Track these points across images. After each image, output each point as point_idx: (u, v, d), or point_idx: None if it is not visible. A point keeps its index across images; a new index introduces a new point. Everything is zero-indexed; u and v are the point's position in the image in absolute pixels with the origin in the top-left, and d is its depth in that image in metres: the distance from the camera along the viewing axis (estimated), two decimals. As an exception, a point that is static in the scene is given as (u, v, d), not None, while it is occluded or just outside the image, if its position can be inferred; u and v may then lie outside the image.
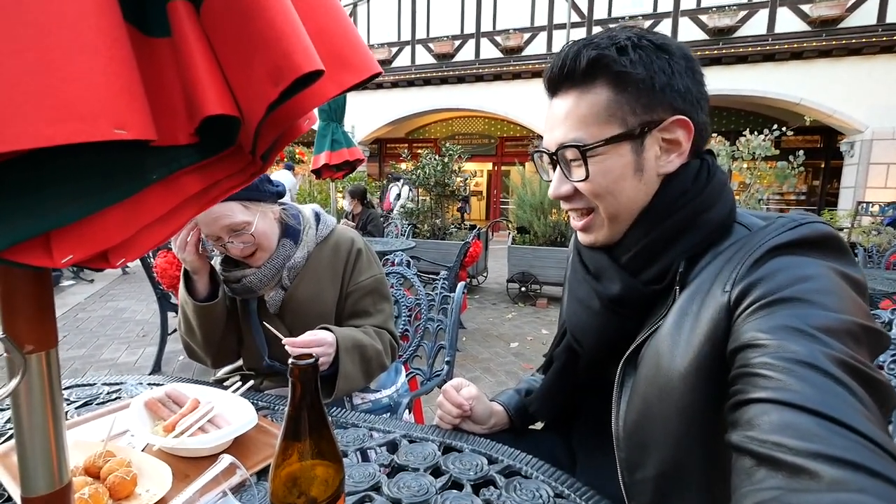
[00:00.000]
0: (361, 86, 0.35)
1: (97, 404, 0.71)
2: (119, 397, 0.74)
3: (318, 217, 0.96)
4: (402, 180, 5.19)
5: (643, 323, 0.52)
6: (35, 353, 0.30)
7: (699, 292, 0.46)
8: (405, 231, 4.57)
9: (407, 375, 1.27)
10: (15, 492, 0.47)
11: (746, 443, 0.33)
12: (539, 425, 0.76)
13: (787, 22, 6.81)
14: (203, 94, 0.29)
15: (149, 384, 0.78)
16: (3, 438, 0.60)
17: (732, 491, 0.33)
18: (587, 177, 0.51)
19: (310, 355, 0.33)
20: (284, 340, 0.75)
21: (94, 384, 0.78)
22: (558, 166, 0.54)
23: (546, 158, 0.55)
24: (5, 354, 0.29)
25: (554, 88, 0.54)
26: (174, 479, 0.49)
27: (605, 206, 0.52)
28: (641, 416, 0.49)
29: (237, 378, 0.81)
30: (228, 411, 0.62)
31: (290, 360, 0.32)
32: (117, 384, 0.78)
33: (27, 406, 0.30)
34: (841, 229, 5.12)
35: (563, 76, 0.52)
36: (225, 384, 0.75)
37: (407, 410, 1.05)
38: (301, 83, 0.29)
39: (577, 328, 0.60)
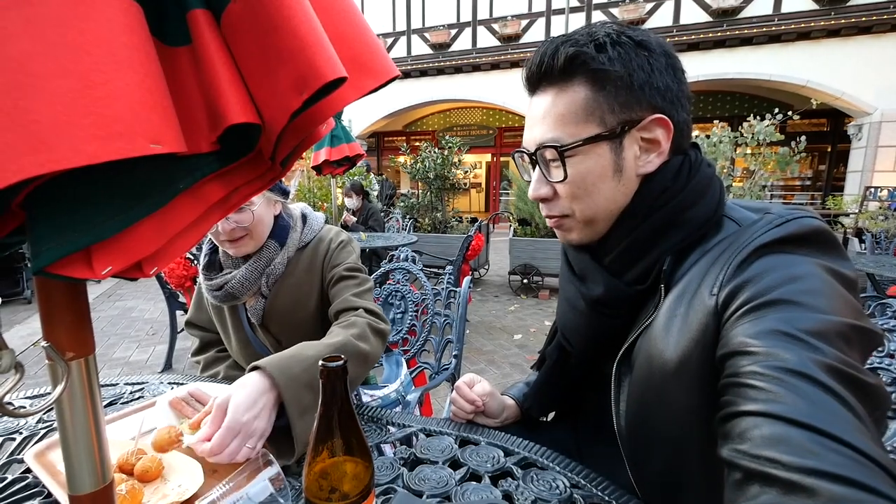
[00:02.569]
0: (379, 89, 0.36)
1: (121, 404, 0.73)
2: (142, 396, 0.76)
3: (304, 219, 0.91)
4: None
5: (632, 322, 0.51)
6: (76, 359, 0.31)
7: (686, 293, 0.45)
8: (406, 225, 4.58)
9: (415, 370, 1.30)
10: (53, 488, 0.49)
11: (738, 458, 0.32)
12: (549, 416, 0.78)
13: (795, 0, 6.61)
14: (226, 103, 0.30)
15: (169, 383, 0.80)
16: (36, 439, 0.62)
17: None
18: (566, 177, 0.49)
19: (339, 357, 0.34)
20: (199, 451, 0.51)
21: (117, 384, 0.80)
22: (538, 166, 0.52)
23: (526, 158, 0.54)
24: (48, 362, 0.31)
25: (533, 87, 0.52)
26: (203, 475, 0.50)
27: (580, 210, 0.51)
28: (640, 416, 0.49)
29: None
30: None
31: (321, 363, 0.33)
32: (140, 384, 0.80)
33: (70, 410, 0.32)
34: (847, 215, 5.05)
35: (540, 74, 0.50)
36: None
37: (417, 406, 1.07)
38: (324, 90, 0.29)
39: (566, 327, 0.60)
